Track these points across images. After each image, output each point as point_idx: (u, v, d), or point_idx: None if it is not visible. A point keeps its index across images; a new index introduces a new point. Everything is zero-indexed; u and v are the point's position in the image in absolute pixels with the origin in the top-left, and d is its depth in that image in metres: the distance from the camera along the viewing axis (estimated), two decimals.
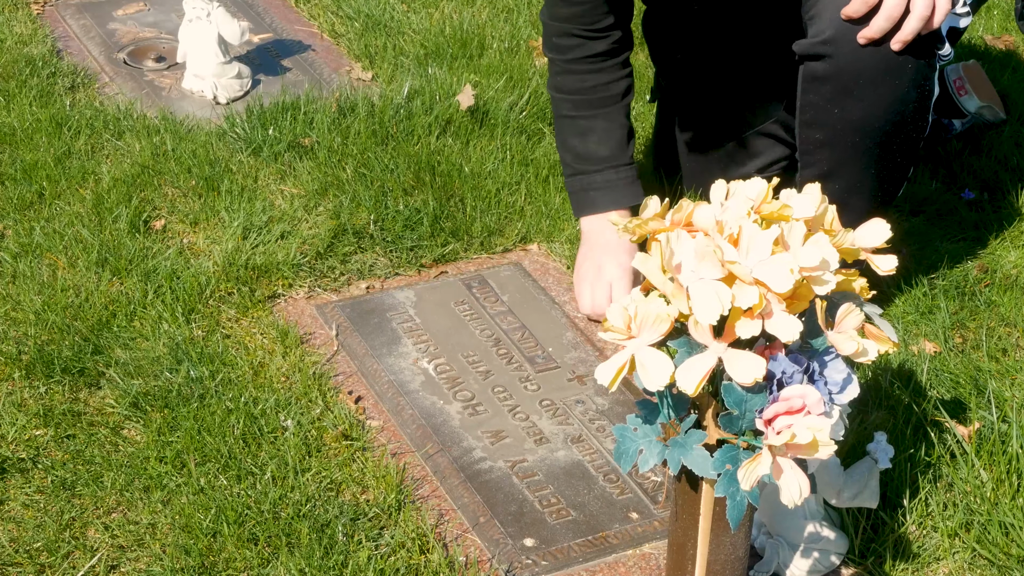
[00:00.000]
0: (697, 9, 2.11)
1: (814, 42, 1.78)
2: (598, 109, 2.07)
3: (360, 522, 1.66)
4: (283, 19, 3.05)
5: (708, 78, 2.25)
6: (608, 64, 2.06)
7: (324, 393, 1.88)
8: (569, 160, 2.10)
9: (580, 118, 2.07)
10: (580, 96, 2.07)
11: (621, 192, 2.07)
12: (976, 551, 1.63)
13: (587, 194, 2.08)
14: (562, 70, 2.07)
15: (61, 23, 3.00)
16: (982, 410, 1.82)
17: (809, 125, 1.86)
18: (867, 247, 1.36)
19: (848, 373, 1.31)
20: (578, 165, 2.09)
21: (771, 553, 1.60)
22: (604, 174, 2.07)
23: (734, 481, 1.29)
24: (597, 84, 2.06)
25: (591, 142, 2.07)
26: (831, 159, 1.85)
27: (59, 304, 2.02)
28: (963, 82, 2.46)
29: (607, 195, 2.07)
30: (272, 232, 2.19)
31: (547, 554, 1.65)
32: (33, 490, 1.70)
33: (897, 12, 1.71)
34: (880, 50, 1.74)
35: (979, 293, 2.12)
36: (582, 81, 2.06)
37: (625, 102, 2.09)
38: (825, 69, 1.78)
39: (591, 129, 2.07)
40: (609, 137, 2.07)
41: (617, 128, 2.08)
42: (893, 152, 1.87)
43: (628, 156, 2.09)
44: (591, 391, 1.92)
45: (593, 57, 2.05)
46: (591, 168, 2.07)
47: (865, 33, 1.73)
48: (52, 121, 2.50)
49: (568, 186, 2.11)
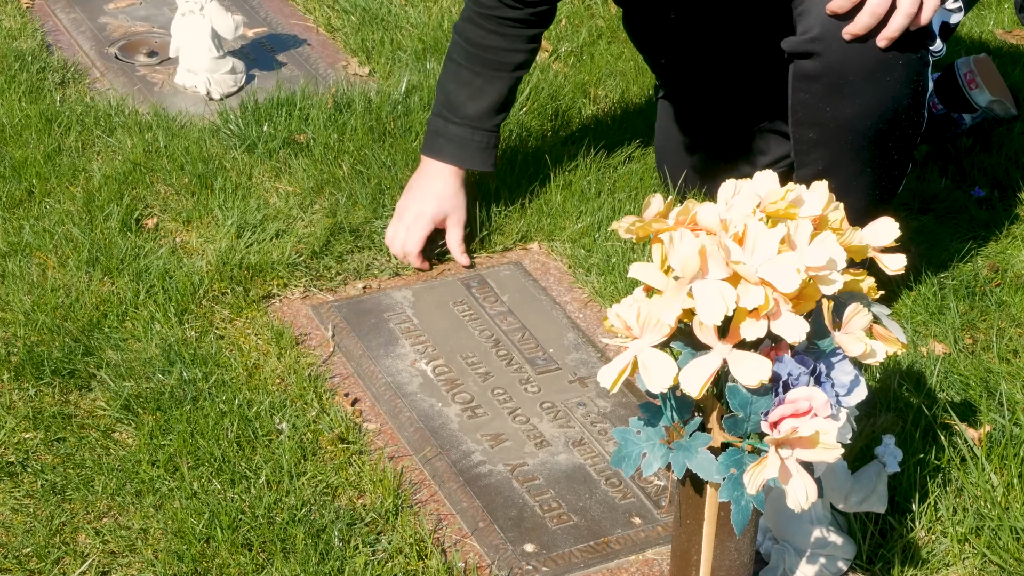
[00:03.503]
0: (675, 18, 2.12)
1: (802, 40, 1.79)
2: (486, 69, 2.12)
3: (356, 527, 1.65)
4: (278, 13, 3.06)
5: (699, 80, 2.26)
6: (515, 32, 2.10)
7: (320, 395, 1.88)
8: (440, 100, 2.16)
9: (465, 69, 2.12)
10: (475, 50, 2.11)
11: (469, 153, 2.14)
12: (987, 557, 1.63)
13: (438, 139, 2.15)
14: (471, 18, 2.11)
15: (51, 17, 3.00)
16: (993, 413, 1.82)
17: (802, 124, 1.87)
18: (875, 246, 1.36)
19: (855, 375, 1.31)
20: (444, 109, 2.15)
21: (777, 559, 1.59)
22: (462, 129, 2.13)
23: (739, 485, 1.29)
24: (496, 47, 2.10)
25: (464, 95, 2.13)
26: (826, 157, 1.86)
27: (49, 304, 2.01)
28: (974, 75, 2.46)
29: (455, 150, 2.14)
30: (267, 231, 2.19)
31: (548, 560, 1.65)
32: (22, 494, 1.70)
33: (882, 9, 1.71)
34: (868, 47, 1.76)
35: (989, 293, 2.12)
36: (484, 37, 2.10)
37: (516, 74, 2.14)
38: (814, 67, 1.79)
39: (470, 84, 2.12)
40: (482, 99, 2.13)
41: (494, 94, 2.13)
42: (889, 149, 1.88)
43: (493, 124, 2.15)
44: (593, 393, 1.92)
45: (505, 20, 2.09)
46: (453, 118, 2.13)
47: (849, 29, 1.75)
48: (42, 117, 2.50)
49: (428, 122, 2.18)
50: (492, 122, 2.14)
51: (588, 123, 2.58)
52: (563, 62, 2.82)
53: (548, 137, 2.50)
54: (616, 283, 2.10)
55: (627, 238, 1.33)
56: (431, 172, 2.15)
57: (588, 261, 2.16)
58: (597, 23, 3.00)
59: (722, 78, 2.22)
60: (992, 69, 2.51)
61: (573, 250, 2.20)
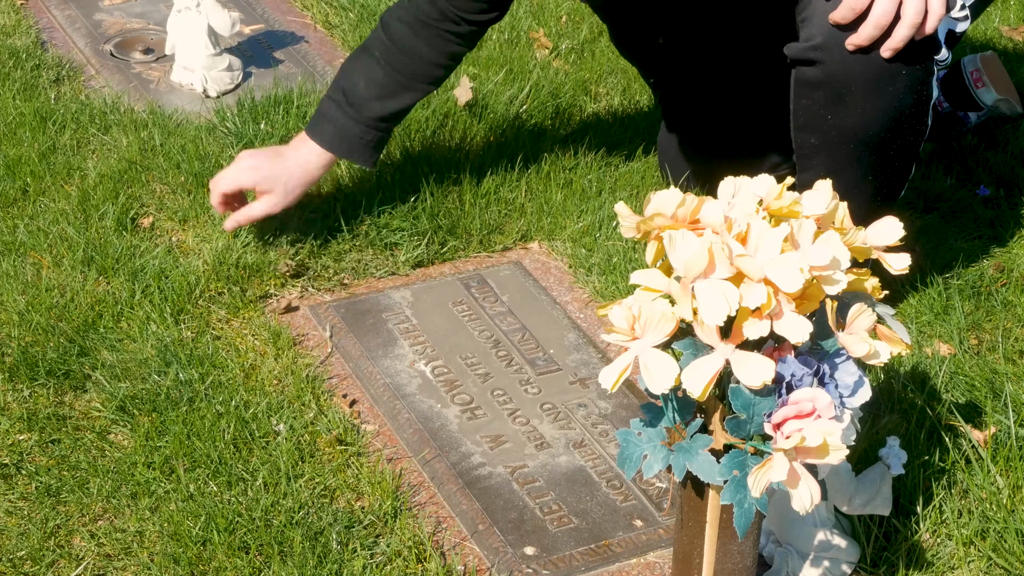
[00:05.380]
0: (663, 43, 2.11)
1: (805, 47, 1.78)
2: (402, 77, 2.08)
3: (355, 530, 1.65)
4: (275, 9, 3.05)
5: (692, 92, 2.26)
6: (449, 48, 2.07)
7: (318, 396, 1.87)
8: (342, 86, 2.10)
9: (381, 69, 2.07)
10: (400, 54, 2.06)
11: (353, 147, 2.10)
12: (992, 560, 1.62)
13: (327, 125, 2.09)
14: (407, 20, 2.05)
15: (45, 14, 2.99)
16: (998, 414, 1.81)
17: (803, 129, 1.87)
18: (879, 245, 1.35)
19: (859, 376, 1.31)
20: (343, 100, 2.09)
21: (780, 562, 1.59)
22: (355, 125, 2.08)
23: (741, 488, 1.29)
24: (424, 57, 2.06)
25: (371, 94, 2.08)
26: (827, 164, 1.86)
27: (43, 304, 2.01)
28: (980, 74, 2.45)
29: (339, 142, 2.09)
30: (264, 230, 2.17)
31: (548, 563, 1.64)
32: (17, 497, 1.69)
33: (886, 20, 1.70)
34: (871, 57, 1.75)
35: (995, 293, 2.11)
36: (414, 44, 2.06)
37: (429, 88, 2.11)
38: (816, 75, 1.78)
39: (382, 86, 2.08)
40: (388, 103, 2.09)
41: (401, 103, 2.10)
42: (891, 157, 1.88)
43: (384, 127, 2.11)
44: (594, 394, 1.91)
45: (443, 34, 2.05)
46: (350, 112, 2.08)
47: (853, 40, 1.73)
48: (36, 115, 2.49)
49: (321, 104, 2.12)
50: (384, 125, 2.11)
51: (589, 121, 2.58)
52: (564, 59, 2.81)
53: (548, 135, 2.50)
54: (617, 283, 2.10)
55: (629, 236, 1.32)
56: (299, 146, 2.09)
57: (589, 261, 2.16)
58: (598, 20, 2.99)
59: (715, 90, 2.22)
60: (999, 67, 2.50)
61: (574, 249, 2.19)
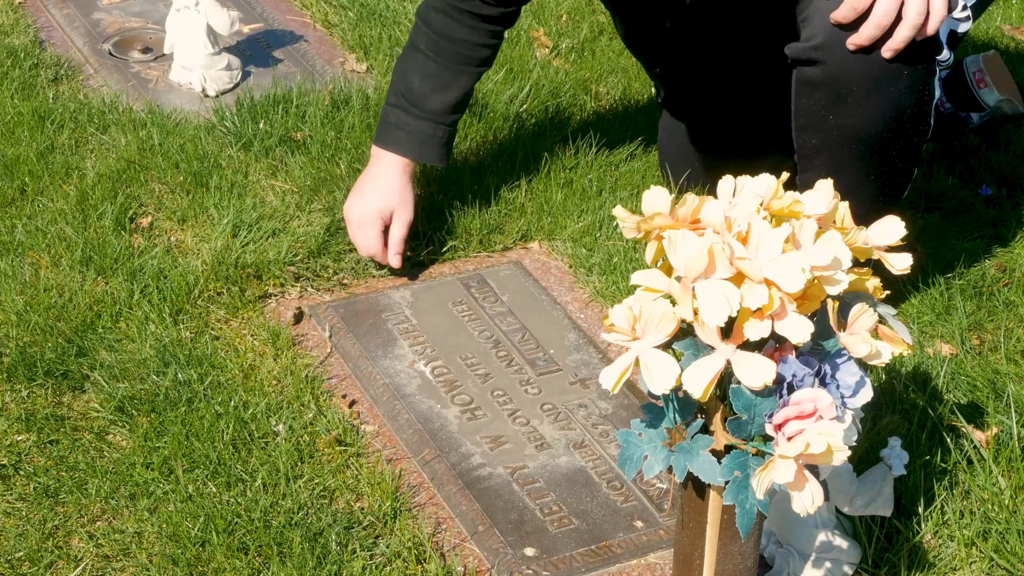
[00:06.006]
0: (670, 27, 2.10)
1: (806, 47, 1.77)
2: (454, 63, 2.09)
3: (354, 531, 1.64)
4: (274, 9, 3.06)
5: (697, 85, 2.25)
6: (487, 28, 2.08)
7: (317, 397, 1.87)
8: (400, 91, 2.12)
9: (433, 61, 2.09)
10: (444, 42, 2.08)
11: (429, 147, 2.11)
12: (994, 561, 1.62)
13: (397, 131, 2.11)
14: (442, 8, 2.07)
15: (44, 12, 3.00)
16: (1000, 414, 1.81)
17: (804, 129, 1.86)
18: (881, 245, 1.35)
19: (861, 376, 1.30)
20: (405, 102, 2.11)
21: (781, 563, 1.58)
22: (423, 123, 2.10)
23: (743, 488, 1.29)
24: (467, 40, 2.08)
25: (429, 88, 2.10)
26: (828, 164, 1.85)
27: (42, 304, 2.00)
28: (983, 74, 2.45)
29: (414, 143, 2.11)
30: (263, 229, 2.18)
31: (548, 564, 1.63)
32: (15, 497, 1.69)
33: (887, 20, 1.69)
34: (872, 57, 1.74)
35: (997, 293, 2.11)
36: (454, 29, 2.07)
37: (480, 70, 2.12)
38: (817, 75, 1.78)
39: (437, 77, 2.10)
40: (447, 93, 2.10)
41: (459, 89, 2.11)
42: (893, 158, 1.87)
43: (452, 119, 2.13)
44: (594, 395, 1.91)
45: (477, 16, 2.06)
46: (415, 111, 2.10)
47: (854, 40, 1.72)
48: (34, 114, 2.49)
49: (385, 114, 2.13)
50: (451, 118, 2.12)
51: (589, 120, 2.57)
52: (564, 58, 2.81)
53: (548, 134, 2.49)
54: (618, 283, 2.09)
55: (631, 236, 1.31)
56: (381, 164, 2.11)
57: (589, 260, 2.16)
58: (599, 19, 2.99)
59: (720, 83, 2.21)
60: (1001, 67, 2.50)
61: (574, 249, 2.19)
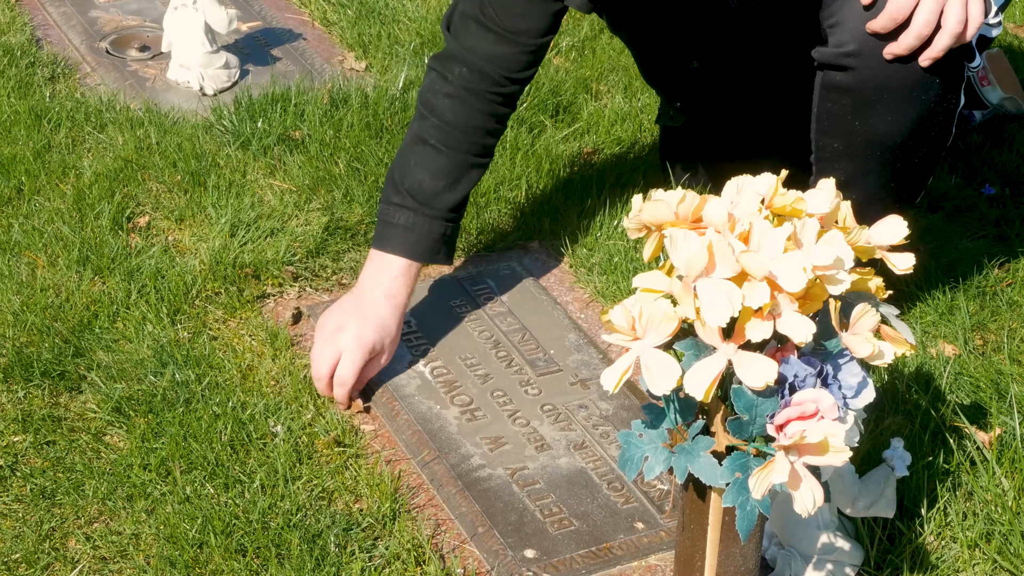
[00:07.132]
0: (697, 67, 2.08)
1: (836, 52, 1.74)
2: (466, 155, 1.89)
3: (353, 532, 1.64)
4: (273, 7, 3.05)
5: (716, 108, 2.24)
6: (500, 111, 1.91)
7: (315, 397, 1.86)
8: (406, 190, 1.89)
9: (443, 154, 1.89)
10: (457, 132, 1.88)
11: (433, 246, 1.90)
12: (997, 562, 1.61)
13: (409, 234, 1.88)
14: (449, 93, 1.89)
15: (40, 11, 2.99)
16: (1003, 415, 1.80)
17: (827, 133, 1.84)
18: (883, 245, 1.34)
19: (863, 376, 1.30)
20: (414, 201, 1.88)
21: (783, 565, 1.58)
22: (435, 223, 1.89)
23: (744, 490, 1.28)
24: (480, 127, 1.90)
25: (442, 184, 1.89)
26: (849, 169, 1.84)
27: (38, 304, 2.00)
28: (986, 72, 2.46)
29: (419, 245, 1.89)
30: (261, 229, 2.17)
31: (549, 566, 1.63)
32: (11, 499, 1.69)
33: (928, 31, 1.67)
34: (908, 67, 1.71)
35: (1000, 293, 2.10)
36: (468, 116, 1.88)
37: (487, 163, 1.94)
38: (847, 81, 1.75)
39: (447, 172, 1.89)
40: (458, 189, 1.90)
41: (468, 184, 1.92)
42: (914, 164, 1.86)
43: (457, 217, 1.93)
44: (595, 395, 1.90)
45: (494, 96, 1.89)
46: (427, 210, 1.88)
47: (892, 50, 1.70)
48: (31, 113, 2.49)
49: (387, 214, 1.89)
50: (458, 215, 1.92)
51: (590, 119, 2.56)
52: (564, 57, 2.80)
53: (548, 133, 2.49)
54: (618, 283, 2.09)
55: (634, 237, 1.31)
56: (385, 272, 1.87)
57: (590, 260, 2.15)
58: (598, 18, 2.98)
59: (743, 104, 2.21)
60: (1005, 65, 2.50)
61: (574, 249, 2.18)
